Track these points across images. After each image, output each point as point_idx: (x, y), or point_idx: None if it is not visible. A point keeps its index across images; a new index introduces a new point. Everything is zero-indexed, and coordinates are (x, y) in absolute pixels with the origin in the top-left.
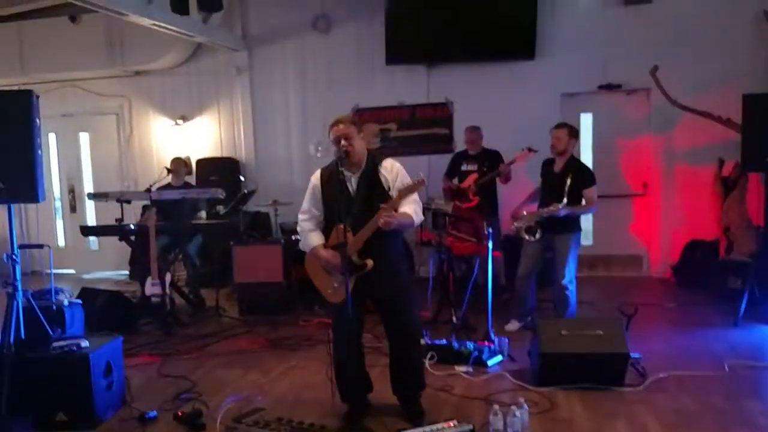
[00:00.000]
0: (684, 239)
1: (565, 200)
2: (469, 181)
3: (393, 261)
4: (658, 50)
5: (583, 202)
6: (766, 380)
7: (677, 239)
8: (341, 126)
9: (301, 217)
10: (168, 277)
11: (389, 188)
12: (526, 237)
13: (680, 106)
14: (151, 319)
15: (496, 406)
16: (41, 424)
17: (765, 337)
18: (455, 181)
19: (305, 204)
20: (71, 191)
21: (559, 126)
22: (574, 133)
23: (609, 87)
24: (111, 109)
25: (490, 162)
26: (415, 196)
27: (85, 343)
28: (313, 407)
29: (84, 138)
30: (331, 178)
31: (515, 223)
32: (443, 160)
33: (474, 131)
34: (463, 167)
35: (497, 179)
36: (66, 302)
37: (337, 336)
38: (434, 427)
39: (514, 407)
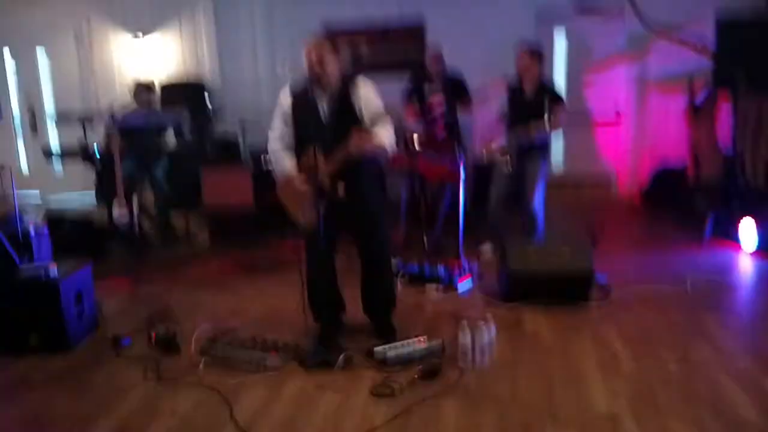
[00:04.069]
0: (654, 164)
1: (547, 125)
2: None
3: (366, 184)
4: None
5: (554, 123)
6: (725, 295)
7: (647, 164)
8: (313, 47)
9: (271, 135)
10: (135, 202)
11: (361, 110)
12: (505, 169)
13: (655, 30)
14: (120, 243)
15: (464, 322)
16: (14, 349)
17: (727, 256)
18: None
19: (275, 122)
20: (31, 111)
21: (521, 47)
22: (536, 54)
23: (584, 8)
24: (69, 25)
25: (454, 89)
26: (388, 122)
27: (53, 271)
28: (287, 327)
29: (41, 54)
30: (302, 99)
31: (488, 152)
32: None
33: (437, 51)
34: (427, 92)
35: (459, 107)
36: (32, 229)
37: (309, 257)
38: (405, 343)
39: (481, 323)
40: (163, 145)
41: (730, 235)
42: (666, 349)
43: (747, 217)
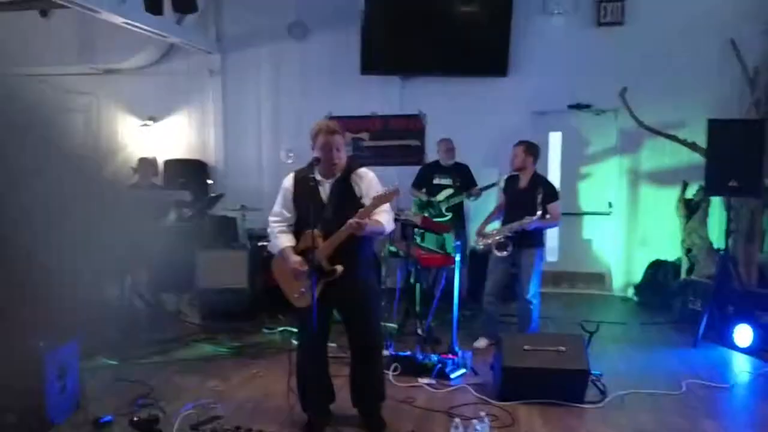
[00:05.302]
0: (647, 259)
1: (539, 213)
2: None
3: (362, 268)
4: (628, 72)
5: (548, 216)
6: (722, 400)
7: (640, 258)
8: (336, 136)
9: (271, 218)
10: (128, 280)
11: (362, 197)
12: (498, 253)
13: (647, 128)
14: (109, 321)
15: (457, 420)
16: None
17: (722, 358)
18: (423, 191)
19: (276, 206)
20: None
21: (517, 143)
22: (532, 150)
23: (578, 107)
24: (79, 107)
25: (462, 176)
26: (387, 205)
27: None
28: (273, 417)
29: None
30: (304, 183)
31: (482, 240)
32: (413, 171)
33: (449, 141)
34: (436, 180)
35: (465, 194)
36: None
37: (301, 344)
38: None
39: (475, 421)
40: (160, 223)
41: (724, 335)
42: None
43: (740, 317)
